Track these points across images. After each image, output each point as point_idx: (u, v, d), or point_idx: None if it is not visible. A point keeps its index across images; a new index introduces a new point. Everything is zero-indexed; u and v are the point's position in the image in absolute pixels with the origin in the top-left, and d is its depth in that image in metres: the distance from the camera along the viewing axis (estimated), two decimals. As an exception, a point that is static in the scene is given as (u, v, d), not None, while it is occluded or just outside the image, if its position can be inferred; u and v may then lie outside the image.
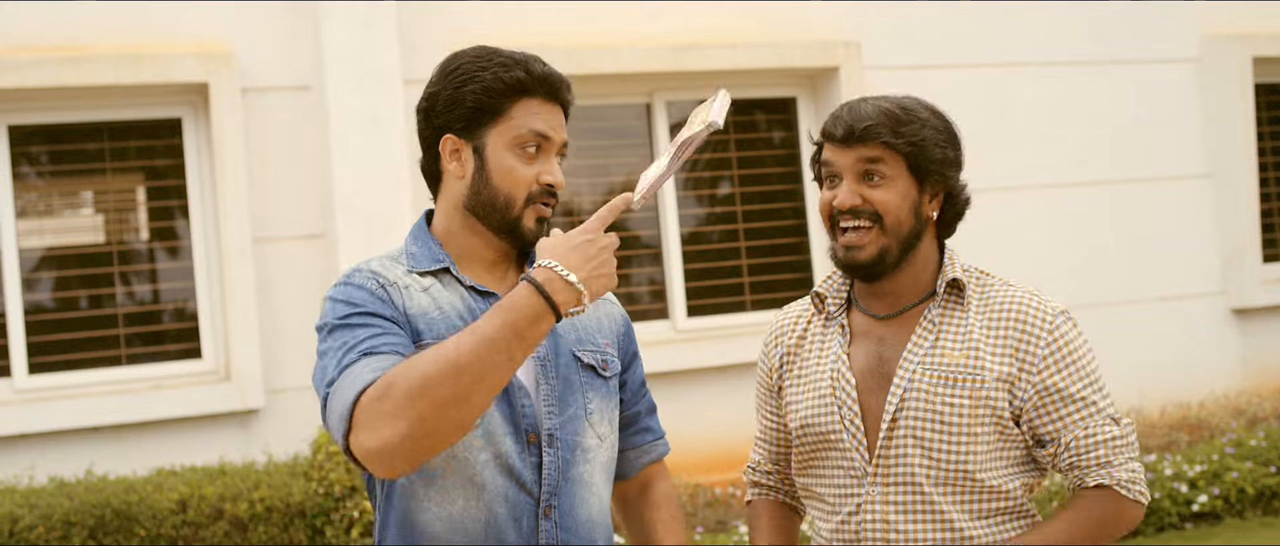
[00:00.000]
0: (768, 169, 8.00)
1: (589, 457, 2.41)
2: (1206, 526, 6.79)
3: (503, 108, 2.36)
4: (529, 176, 2.36)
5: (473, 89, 2.37)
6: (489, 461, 2.31)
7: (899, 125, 2.50)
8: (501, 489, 2.31)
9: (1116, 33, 8.49)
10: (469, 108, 2.37)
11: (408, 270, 2.40)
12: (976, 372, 2.47)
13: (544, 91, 2.39)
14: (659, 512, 2.62)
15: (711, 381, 7.42)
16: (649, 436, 2.63)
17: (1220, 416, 8.08)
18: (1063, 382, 2.47)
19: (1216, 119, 8.64)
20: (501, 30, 7.24)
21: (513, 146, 2.36)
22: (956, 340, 2.51)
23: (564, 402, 2.39)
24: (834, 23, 7.89)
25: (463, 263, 2.43)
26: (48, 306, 6.80)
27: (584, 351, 2.45)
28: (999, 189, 7.99)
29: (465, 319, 2.34)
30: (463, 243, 2.43)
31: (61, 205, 7.04)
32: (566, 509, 2.36)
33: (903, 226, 2.52)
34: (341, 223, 6.69)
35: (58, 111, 6.78)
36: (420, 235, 2.45)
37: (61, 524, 5.57)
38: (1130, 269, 8.44)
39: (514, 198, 2.36)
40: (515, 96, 2.36)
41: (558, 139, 2.40)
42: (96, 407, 6.48)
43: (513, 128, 2.36)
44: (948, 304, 2.56)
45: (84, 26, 6.65)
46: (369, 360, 2.18)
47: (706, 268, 7.82)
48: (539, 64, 2.39)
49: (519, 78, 2.36)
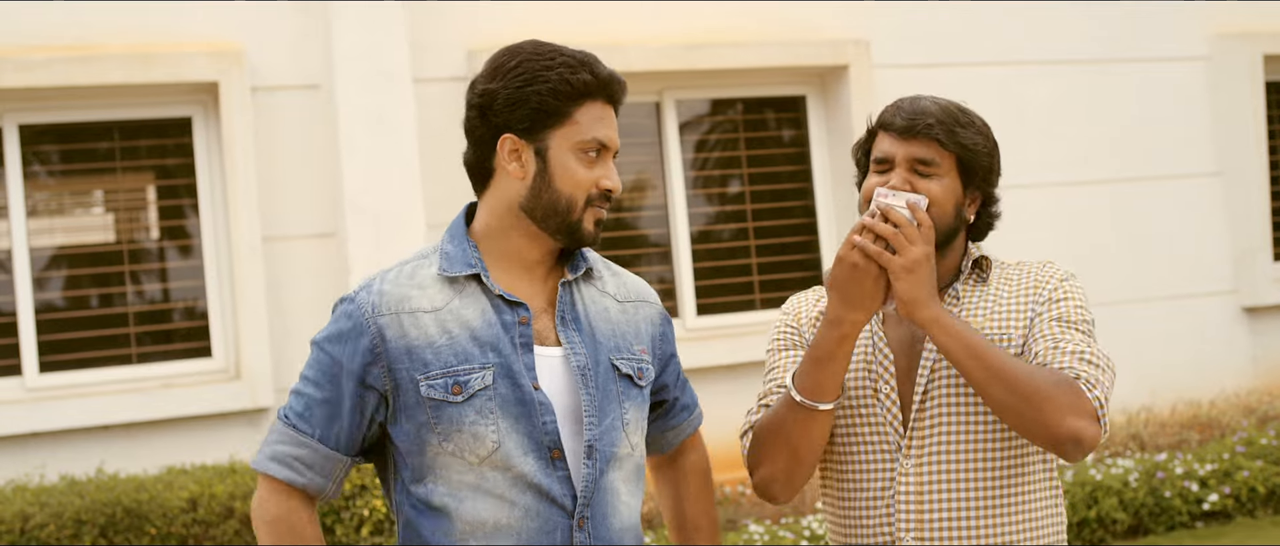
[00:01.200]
0: (777, 168, 8.00)
1: (621, 466, 2.41)
2: (1217, 525, 6.78)
3: (568, 111, 2.35)
4: (590, 180, 2.37)
5: (537, 90, 2.33)
6: (512, 482, 2.31)
7: (958, 126, 2.54)
8: (530, 506, 2.31)
9: (1126, 31, 8.47)
10: (533, 108, 2.34)
11: (438, 273, 2.38)
12: (1003, 335, 2.53)
13: (606, 95, 2.39)
14: (687, 484, 2.66)
15: (721, 380, 7.40)
16: (685, 414, 2.66)
17: (1231, 415, 8.06)
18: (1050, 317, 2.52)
19: (1227, 117, 8.62)
20: (511, 30, 7.24)
21: (576, 151, 2.36)
22: (981, 310, 2.57)
23: (603, 412, 2.38)
24: (843, 21, 7.88)
25: (500, 264, 2.41)
26: (58, 305, 6.82)
27: (621, 360, 2.44)
28: (1009, 187, 7.87)
29: (477, 340, 2.33)
30: (507, 242, 2.41)
31: (72, 204, 7.06)
32: (600, 518, 2.36)
33: (944, 220, 2.54)
34: (351, 221, 6.70)
35: (68, 111, 6.80)
36: (458, 235, 2.43)
37: (72, 522, 5.58)
38: (1140, 267, 8.42)
39: (575, 201, 2.36)
40: (580, 100, 2.35)
41: (616, 144, 2.42)
42: (107, 406, 6.49)
43: (577, 132, 2.35)
44: (971, 281, 2.62)
45: (94, 26, 6.66)
46: (285, 437, 2.37)
47: (716, 266, 7.82)
48: (602, 66, 2.39)
49: (586, 81, 2.35)
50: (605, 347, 2.42)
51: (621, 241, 7.60)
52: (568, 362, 2.37)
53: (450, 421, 2.30)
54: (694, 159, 7.91)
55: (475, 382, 2.30)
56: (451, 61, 7.12)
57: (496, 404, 2.30)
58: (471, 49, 7.13)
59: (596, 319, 2.45)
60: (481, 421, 2.30)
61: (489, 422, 2.30)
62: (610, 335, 2.45)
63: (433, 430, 2.31)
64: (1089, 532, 6.56)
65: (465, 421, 2.30)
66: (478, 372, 2.31)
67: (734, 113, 7.99)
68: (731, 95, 7.94)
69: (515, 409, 2.31)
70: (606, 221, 2.45)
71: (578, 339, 2.40)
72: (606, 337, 2.44)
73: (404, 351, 2.32)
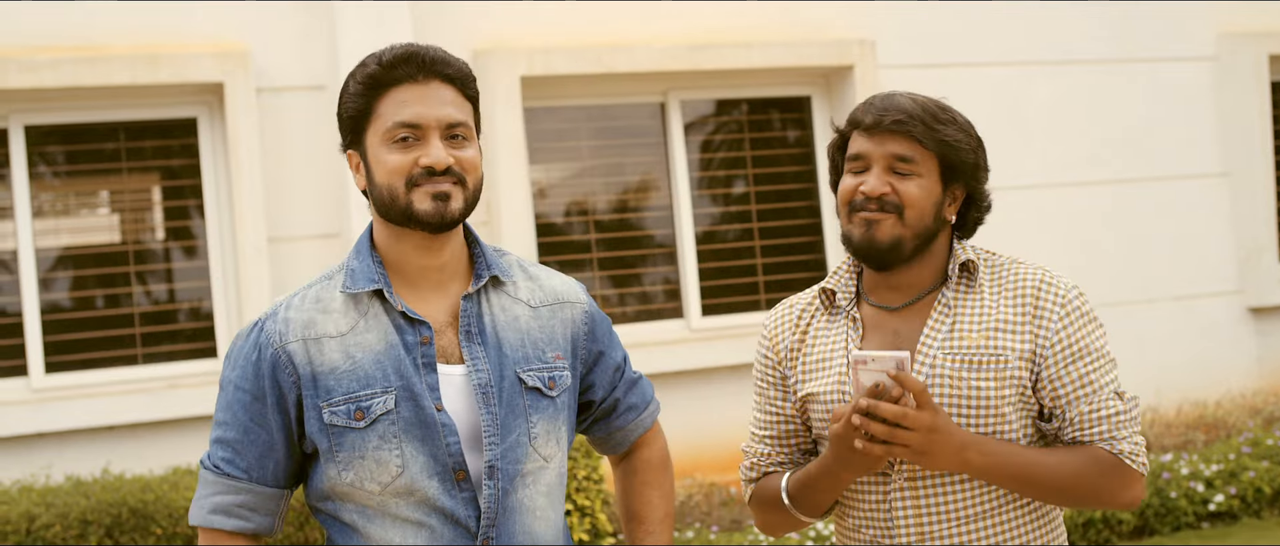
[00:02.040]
0: (782, 168, 7.99)
1: (530, 483, 2.35)
2: (1223, 526, 6.77)
3: (370, 108, 2.31)
4: (405, 163, 2.27)
5: (343, 103, 2.35)
6: (416, 505, 2.28)
7: (935, 122, 2.49)
8: (435, 528, 2.28)
9: (1132, 31, 8.46)
10: (347, 119, 2.34)
11: (342, 290, 2.34)
12: (999, 353, 2.46)
13: (407, 75, 2.29)
14: (633, 478, 2.61)
15: (726, 380, 7.41)
16: (632, 415, 2.60)
17: (1237, 415, 8.05)
18: (1072, 357, 2.47)
19: (1233, 117, 8.61)
20: (514, 30, 7.25)
21: (385, 142, 2.29)
22: (974, 321, 2.50)
23: (506, 429, 2.32)
24: (849, 21, 7.88)
25: (402, 277, 2.36)
26: (64, 306, 6.82)
27: (529, 372, 2.37)
28: (1014, 188, 7.97)
29: (380, 364, 2.28)
30: (396, 253, 2.36)
31: (78, 205, 7.06)
32: (506, 538, 2.31)
33: (923, 221, 2.50)
34: (356, 222, 6.70)
35: (74, 111, 6.81)
36: (363, 251, 2.39)
37: (78, 522, 5.59)
38: (1146, 268, 8.42)
39: (395, 188, 2.28)
40: (376, 92, 2.30)
41: (433, 120, 2.29)
42: (113, 406, 6.50)
43: (381, 123, 2.30)
44: (960, 287, 2.55)
45: (100, 27, 6.67)
46: (220, 487, 2.33)
47: (721, 267, 7.82)
48: (397, 50, 2.30)
49: (371, 73, 2.30)
50: (511, 360, 2.36)
51: (626, 242, 7.60)
52: (469, 380, 2.32)
53: (352, 448, 2.26)
54: (699, 159, 7.91)
55: (377, 407, 2.26)
56: (456, 62, 7.12)
57: (400, 427, 2.26)
58: (477, 49, 7.13)
59: (504, 329, 2.38)
60: (385, 446, 2.26)
61: (392, 447, 2.26)
62: (519, 345, 2.38)
63: (332, 459, 2.29)
64: (1094, 533, 6.56)
65: (368, 447, 2.26)
66: (380, 397, 2.27)
67: (739, 113, 7.99)
68: (736, 95, 7.94)
69: (418, 431, 2.27)
70: (611, 222, 2.44)
71: (481, 354, 2.34)
72: (514, 349, 2.37)
73: (310, 378, 2.28)
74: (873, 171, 2.51)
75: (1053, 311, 2.49)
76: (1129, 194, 8.41)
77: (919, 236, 2.51)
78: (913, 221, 2.49)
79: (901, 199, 2.49)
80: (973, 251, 2.58)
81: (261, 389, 2.30)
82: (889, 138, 2.50)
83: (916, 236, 2.51)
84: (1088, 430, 2.45)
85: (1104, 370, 2.48)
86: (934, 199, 2.51)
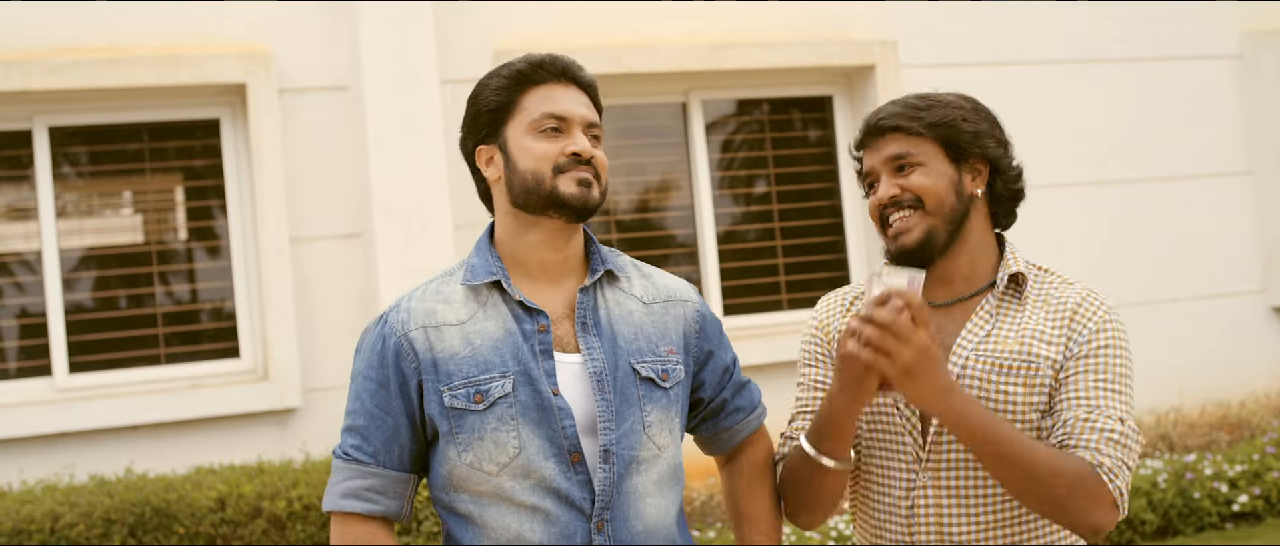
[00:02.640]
0: (804, 168, 7.98)
1: (643, 470, 2.43)
2: (1247, 526, 6.74)
3: (513, 101, 2.45)
4: (552, 151, 2.42)
5: (481, 97, 2.48)
6: (533, 488, 2.35)
7: (918, 111, 2.53)
8: (551, 512, 2.35)
9: (1155, 29, 8.43)
10: (485, 113, 2.47)
11: (462, 284, 2.45)
12: (1031, 361, 2.46)
13: (551, 76, 2.46)
14: (740, 479, 2.67)
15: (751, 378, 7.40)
16: (739, 416, 2.67)
17: (1261, 415, 8.02)
18: (1089, 368, 2.45)
19: (1257, 115, 8.57)
20: (537, 30, 7.26)
21: (531, 131, 2.43)
22: (1011, 330, 2.50)
23: (621, 417, 2.40)
24: (870, 21, 7.87)
25: (521, 271, 2.47)
26: (87, 306, 6.85)
27: (643, 363, 2.46)
28: (1036, 187, 7.90)
29: (498, 350, 2.38)
30: (519, 247, 2.47)
31: (101, 205, 7.09)
32: (620, 521, 2.39)
33: (945, 205, 2.51)
34: (379, 222, 6.72)
35: (97, 112, 6.83)
36: (482, 248, 2.51)
37: (102, 521, 5.61)
38: (1170, 266, 8.38)
39: (540, 173, 2.41)
40: (522, 88, 2.45)
41: (577, 116, 2.45)
42: (136, 406, 6.53)
43: (527, 115, 2.44)
44: (1006, 297, 2.55)
45: (123, 28, 6.70)
46: (350, 472, 2.42)
47: (742, 266, 7.81)
48: (542, 54, 2.47)
49: (519, 69, 2.45)
50: (625, 351, 2.45)
51: (648, 242, 7.60)
52: (586, 368, 2.41)
53: (472, 430, 2.36)
54: (720, 159, 7.90)
55: (495, 391, 2.36)
56: (479, 62, 7.13)
57: (517, 410, 2.35)
58: (498, 49, 7.14)
59: (619, 322, 2.48)
60: (503, 429, 2.35)
61: (510, 429, 2.35)
62: (633, 338, 2.47)
63: (453, 441, 2.38)
64: (1117, 533, 6.53)
65: (487, 429, 2.35)
66: (498, 381, 2.36)
67: (760, 113, 7.98)
68: (758, 95, 7.94)
69: (535, 414, 2.36)
70: (632, 221, 2.49)
71: (597, 344, 2.43)
72: (628, 341, 2.47)
73: (431, 363, 2.39)
74: (882, 180, 2.55)
75: (1087, 324, 2.48)
76: (1152, 193, 8.38)
77: (949, 220, 2.52)
78: (934, 208, 2.51)
79: (915, 191, 2.51)
80: (1025, 264, 2.58)
81: (386, 376, 2.41)
82: (881, 144, 2.55)
83: (947, 222, 2.52)
84: (1076, 436, 2.40)
85: (1115, 393, 2.44)
86: (948, 179, 2.52)
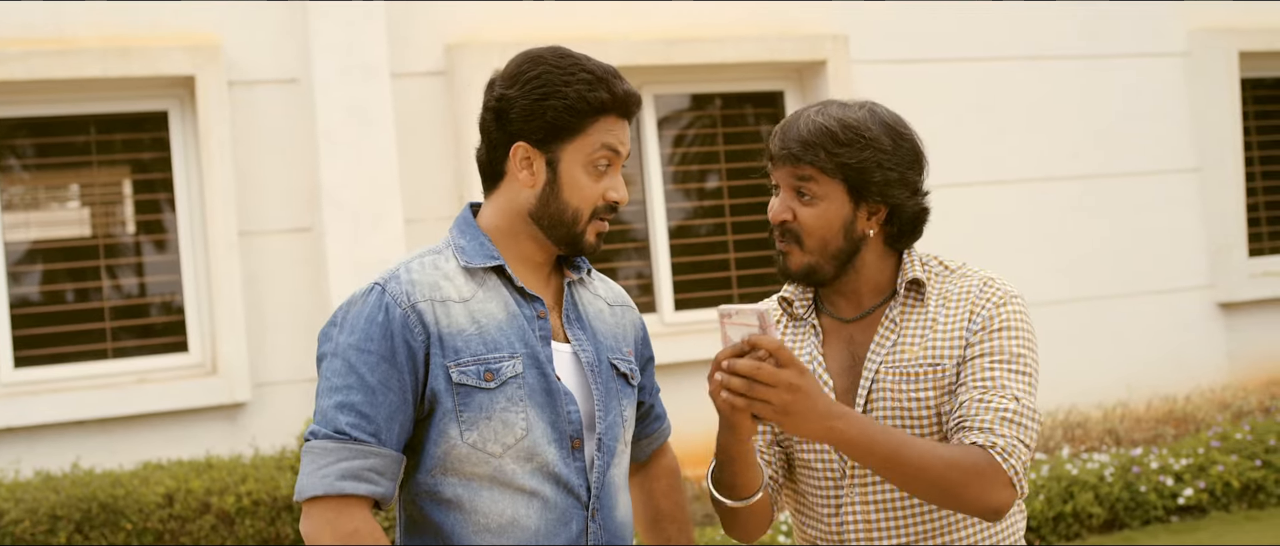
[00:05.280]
0: (755, 162, 8.00)
1: (620, 462, 2.46)
2: (1192, 520, 6.81)
3: (582, 126, 2.36)
4: (597, 193, 2.38)
5: (553, 105, 2.34)
6: (534, 472, 2.33)
7: (836, 145, 2.45)
8: (548, 497, 2.34)
9: (1104, 27, 8.50)
10: (547, 122, 2.35)
11: (460, 266, 2.39)
12: (937, 363, 2.44)
13: (621, 111, 2.39)
14: (659, 481, 2.69)
15: (699, 374, 7.39)
16: (658, 423, 2.70)
17: (1206, 410, 8.10)
18: (985, 351, 2.42)
19: (1204, 113, 8.66)
20: (490, 24, 7.24)
21: (587, 164, 2.37)
22: (916, 336, 2.47)
23: (608, 408, 2.42)
24: (822, 17, 7.89)
25: (510, 260, 2.43)
26: (33, 299, 6.79)
27: (619, 360, 2.49)
28: (986, 183, 8.00)
29: (505, 332, 2.35)
30: (515, 245, 2.43)
31: (47, 198, 7.02)
32: (608, 510, 2.41)
33: (830, 246, 2.48)
34: (329, 216, 6.69)
35: (44, 104, 6.76)
36: (468, 229, 2.44)
37: (47, 517, 5.56)
38: (1117, 263, 8.46)
39: (581, 213, 2.38)
40: (595, 116, 2.36)
41: (626, 154, 2.43)
42: (82, 401, 6.47)
43: (588, 145, 2.36)
44: (908, 303, 2.52)
45: (71, 19, 6.63)
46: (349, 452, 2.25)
47: (694, 261, 7.82)
48: (620, 83, 2.38)
49: (602, 99, 2.35)
50: (604, 347, 2.47)
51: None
52: (578, 359, 2.42)
53: (479, 408, 2.30)
54: (672, 154, 7.91)
55: (506, 370, 2.32)
56: (430, 56, 7.11)
57: (525, 392, 2.33)
58: (450, 44, 7.11)
59: (594, 319, 2.50)
60: (511, 409, 2.31)
61: (518, 410, 2.32)
62: (608, 335, 2.50)
63: (457, 419, 2.31)
64: (1064, 527, 6.58)
65: (496, 408, 2.30)
66: (508, 361, 2.33)
67: (712, 108, 8.00)
68: (710, 90, 7.95)
69: (542, 397, 2.34)
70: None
71: (583, 336, 2.45)
72: (604, 337, 2.49)
73: (438, 337, 2.31)
74: (779, 196, 2.53)
75: (984, 310, 2.45)
76: (1102, 189, 8.45)
77: (832, 258, 2.49)
78: (815, 248, 2.48)
79: (800, 226, 2.49)
80: (922, 268, 2.54)
81: (390, 348, 2.29)
82: (790, 164, 2.50)
83: (830, 259, 2.49)
84: (971, 416, 2.36)
85: (1012, 372, 2.40)
86: (841, 220, 2.48)
